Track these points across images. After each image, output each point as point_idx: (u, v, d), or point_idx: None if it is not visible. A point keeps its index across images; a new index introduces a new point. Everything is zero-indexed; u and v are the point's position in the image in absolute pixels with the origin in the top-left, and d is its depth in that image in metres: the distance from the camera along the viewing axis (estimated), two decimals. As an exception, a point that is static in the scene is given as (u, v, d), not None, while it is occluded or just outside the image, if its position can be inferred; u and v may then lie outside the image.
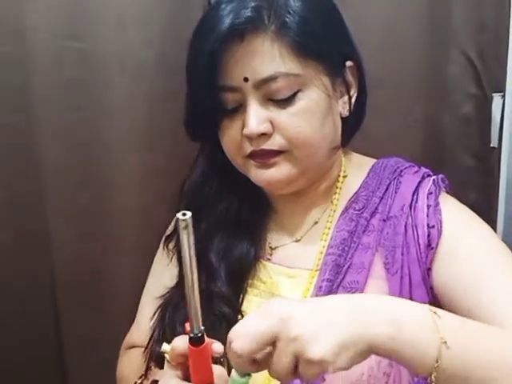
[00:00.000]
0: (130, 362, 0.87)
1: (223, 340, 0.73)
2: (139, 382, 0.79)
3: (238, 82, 0.71)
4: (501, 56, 0.98)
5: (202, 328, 0.58)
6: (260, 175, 0.75)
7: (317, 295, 0.73)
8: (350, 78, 0.77)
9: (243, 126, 0.72)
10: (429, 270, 0.73)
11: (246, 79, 0.70)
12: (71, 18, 1.00)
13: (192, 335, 0.57)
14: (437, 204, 0.74)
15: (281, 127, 0.72)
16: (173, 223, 0.88)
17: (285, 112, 0.71)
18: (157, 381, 0.72)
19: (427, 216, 0.74)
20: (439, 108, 1.05)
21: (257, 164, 0.74)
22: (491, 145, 1.01)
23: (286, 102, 0.71)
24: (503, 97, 0.98)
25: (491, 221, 1.00)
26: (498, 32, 0.99)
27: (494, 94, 1.00)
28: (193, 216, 0.82)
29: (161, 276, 0.87)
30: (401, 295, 0.70)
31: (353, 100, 0.78)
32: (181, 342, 0.61)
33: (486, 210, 1.01)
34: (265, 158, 0.73)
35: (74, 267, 1.09)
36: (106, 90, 1.03)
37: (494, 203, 1.01)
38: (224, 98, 0.73)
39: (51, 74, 1.01)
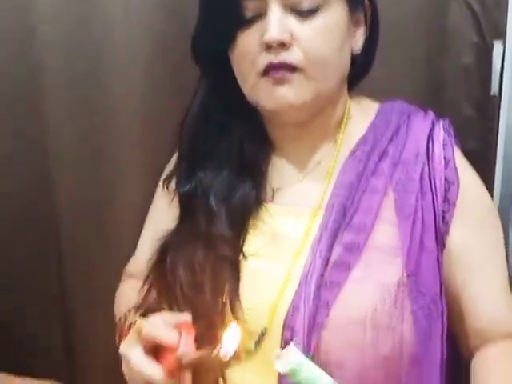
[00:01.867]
0: (125, 293, 0.89)
1: (224, 282, 0.75)
2: (123, 317, 0.79)
3: None
4: (501, 2, 0.96)
5: None
6: (273, 93, 0.72)
7: (322, 234, 0.73)
8: (365, 15, 0.78)
9: (261, 37, 0.71)
10: (447, 226, 0.75)
11: None
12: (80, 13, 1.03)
13: None
14: (453, 159, 0.76)
15: (301, 39, 0.71)
16: (172, 162, 0.88)
17: (307, 24, 0.71)
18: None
19: (445, 169, 0.75)
20: (440, 57, 1.04)
21: (272, 80, 0.72)
22: (491, 93, 1.00)
23: (308, 14, 0.71)
24: (504, 43, 0.97)
25: (490, 169, 1.01)
26: (499, -23, 0.98)
27: (494, 42, 0.98)
28: (192, 159, 0.84)
29: (162, 217, 0.87)
30: (411, 240, 0.72)
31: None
32: (151, 331, 0.65)
33: (484, 159, 1.01)
34: (281, 71, 0.71)
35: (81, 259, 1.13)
36: (111, 87, 1.05)
37: (493, 151, 1.00)
38: (244, 5, 0.71)
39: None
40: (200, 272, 0.76)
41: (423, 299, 0.71)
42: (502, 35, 0.98)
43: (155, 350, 0.67)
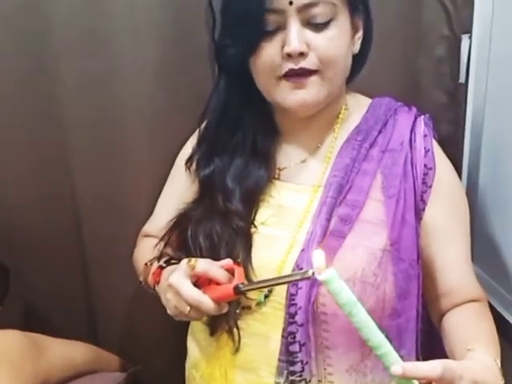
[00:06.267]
0: (144, 248, 1.00)
1: (238, 249, 0.87)
2: (149, 263, 0.92)
3: (282, 5, 0.82)
4: (469, 0, 1.07)
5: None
6: (294, 96, 0.85)
7: (321, 208, 0.86)
8: (361, 20, 0.90)
9: (282, 46, 0.83)
10: (424, 204, 0.88)
11: (290, 3, 0.81)
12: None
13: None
14: (432, 148, 0.89)
15: (316, 48, 0.83)
16: (189, 143, 0.99)
17: (321, 35, 0.83)
18: (163, 266, 0.87)
19: (424, 157, 0.88)
20: (415, 50, 1.14)
21: (292, 85, 0.84)
22: (460, 81, 1.11)
23: (322, 26, 0.83)
24: (470, 37, 1.08)
25: (459, 149, 1.12)
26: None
27: (462, 36, 1.09)
28: (211, 146, 0.94)
29: (183, 191, 0.98)
30: (395, 215, 0.85)
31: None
32: (206, 267, 0.78)
33: (455, 139, 1.12)
34: (301, 77, 0.84)
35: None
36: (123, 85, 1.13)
37: (462, 133, 1.11)
38: (267, 20, 0.83)
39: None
40: (218, 241, 0.88)
41: (403, 264, 0.84)
42: (469, 29, 1.08)
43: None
